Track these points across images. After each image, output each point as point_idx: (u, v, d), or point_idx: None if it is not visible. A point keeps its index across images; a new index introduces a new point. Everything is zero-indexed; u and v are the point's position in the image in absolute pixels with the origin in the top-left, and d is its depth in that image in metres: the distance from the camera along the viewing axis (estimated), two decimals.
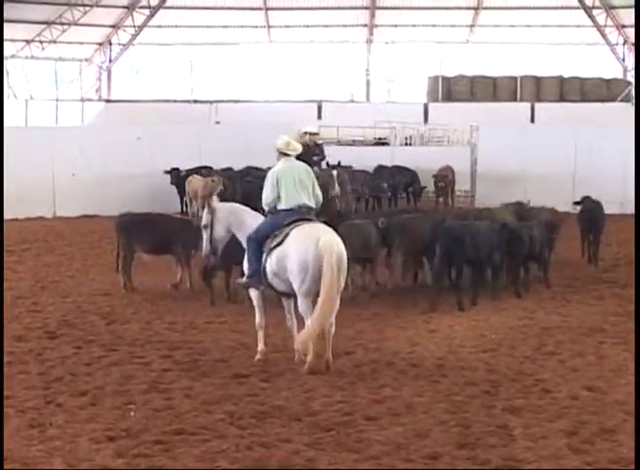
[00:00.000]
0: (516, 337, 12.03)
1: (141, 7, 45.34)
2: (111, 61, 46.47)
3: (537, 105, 41.21)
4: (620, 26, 45.20)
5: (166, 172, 26.54)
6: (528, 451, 7.82)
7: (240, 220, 11.40)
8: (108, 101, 44.43)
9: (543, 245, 15.66)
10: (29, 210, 25.47)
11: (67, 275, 17.20)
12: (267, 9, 45.72)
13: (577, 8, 44.89)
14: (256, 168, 27.05)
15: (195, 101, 41.95)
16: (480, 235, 14.55)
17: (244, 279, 11.18)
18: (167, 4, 45.37)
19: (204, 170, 26.09)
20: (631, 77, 44.64)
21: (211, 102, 40.98)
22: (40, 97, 41.76)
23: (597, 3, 44.65)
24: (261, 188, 11.34)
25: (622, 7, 43.00)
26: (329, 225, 11.10)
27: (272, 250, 10.72)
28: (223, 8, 45.38)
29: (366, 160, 28.34)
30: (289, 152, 11.23)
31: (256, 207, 11.69)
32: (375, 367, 10.53)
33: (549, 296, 14.91)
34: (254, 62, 46.37)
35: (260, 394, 9.47)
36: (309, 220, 10.89)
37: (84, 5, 43.22)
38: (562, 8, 44.95)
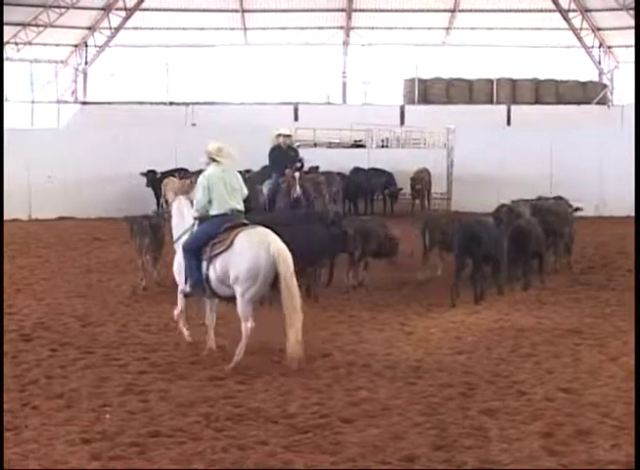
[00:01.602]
0: (492, 339, 12.04)
1: (117, 9, 45.26)
2: (87, 63, 46.34)
3: (513, 107, 41.38)
4: (596, 29, 45.45)
5: (142, 174, 26.52)
6: (504, 453, 7.82)
7: (182, 215, 11.59)
8: (84, 103, 44.29)
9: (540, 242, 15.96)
10: (5, 212, 25.35)
11: (42, 277, 17.12)
12: (243, 11, 45.73)
13: (553, 11, 45.16)
14: None
15: (171, 103, 41.87)
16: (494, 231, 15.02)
17: (187, 288, 11.21)
18: (144, 6, 45.30)
19: (180, 172, 26.04)
20: (607, 80, 44.92)
21: (188, 104, 40.92)
22: (15, 99, 41.58)
23: (573, 6, 44.88)
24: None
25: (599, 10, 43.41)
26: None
27: (215, 257, 10.73)
28: (199, 10, 45.39)
29: (342, 162, 28.39)
30: (219, 159, 11.32)
31: None
32: (351, 369, 10.51)
33: (524, 298, 14.93)
34: (231, 64, 46.39)
35: (237, 396, 9.45)
36: (247, 225, 10.97)
37: (60, 7, 43.09)
38: (538, 11, 45.20)
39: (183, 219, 11.56)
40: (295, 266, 10.62)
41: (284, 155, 18.84)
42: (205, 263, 10.80)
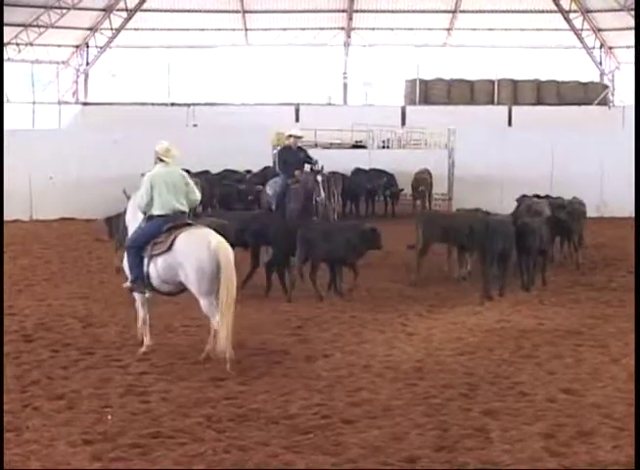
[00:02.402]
0: (493, 340, 12.04)
1: (118, 9, 45.24)
2: (88, 63, 46.35)
3: (514, 108, 41.35)
4: (597, 30, 45.43)
5: (144, 175, 26.46)
6: (506, 454, 7.83)
7: (136, 211, 11.79)
8: (85, 104, 44.29)
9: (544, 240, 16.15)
10: (6, 213, 25.33)
11: (43, 278, 17.10)
12: (245, 12, 45.72)
13: (554, 11, 45.14)
14: (234, 171, 27.05)
15: (172, 104, 41.88)
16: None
17: (128, 283, 11.50)
18: (145, 7, 45.29)
19: None
20: (608, 81, 44.90)
21: (189, 105, 40.92)
22: (17, 100, 41.58)
23: (574, 7, 44.87)
24: (239, 191, 11.56)
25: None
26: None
27: (156, 257, 11.02)
28: (201, 11, 45.38)
29: (343, 163, 28.36)
30: (165, 159, 11.56)
31: (234, 208, 11.80)
32: (352, 370, 10.52)
33: (525, 298, 14.94)
34: (232, 65, 46.36)
35: (238, 397, 9.45)
36: (189, 225, 11.22)
37: (61, 7, 43.08)
38: (539, 11, 45.19)
39: (136, 215, 11.77)
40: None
41: (293, 156, 18.83)
42: (146, 261, 11.12)
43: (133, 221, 11.81)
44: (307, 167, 18.80)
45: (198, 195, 11.73)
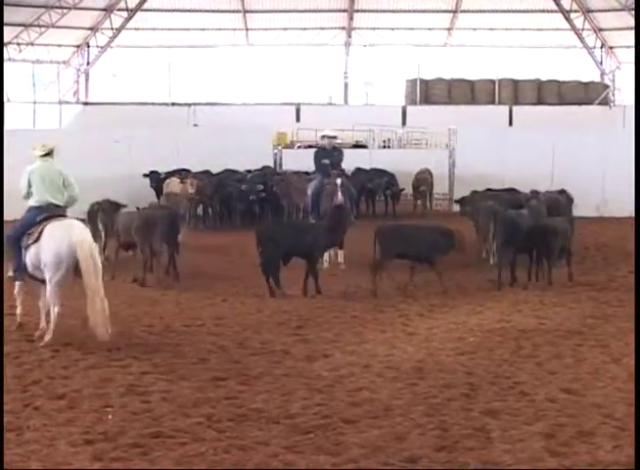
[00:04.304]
0: (494, 340, 11.99)
1: (119, 9, 45.32)
2: (88, 63, 46.41)
3: (515, 108, 41.41)
4: (598, 30, 45.45)
5: (145, 176, 26.45)
6: (506, 454, 7.80)
7: None
8: (85, 104, 44.35)
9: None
10: (5, 213, 25.26)
11: None
12: (245, 11, 45.77)
13: (555, 11, 45.17)
14: (234, 171, 27.03)
15: (173, 104, 41.93)
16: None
17: (10, 274, 12.24)
18: (145, 6, 45.35)
19: (182, 173, 26.00)
20: (609, 81, 44.90)
21: (189, 105, 40.99)
22: (17, 100, 41.59)
23: (575, 6, 44.87)
24: (240, 191, 11.72)
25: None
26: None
27: (30, 246, 11.72)
28: (201, 10, 45.44)
29: (344, 162, 28.32)
30: (42, 152, 12.53)
31: (235, 208, 11.84)
32: (353, 370, 10.48)
33: (525, 298, 14.92)
34: (233, 64, 46.39)
35: (238, 396, 9.42)
36: (61, 217, 11.92)
37: (62, 7, 43.12)
38: (539, 11, 45.22)
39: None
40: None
41: (328, 156, 18.94)
42: (23, 251, 11.80)
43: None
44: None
45: (76, 192, 12.37)
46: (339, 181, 18.00)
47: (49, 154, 12.56)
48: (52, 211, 11.97)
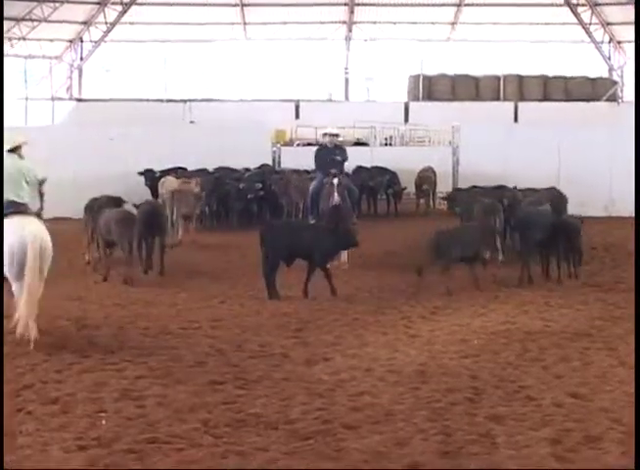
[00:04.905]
0: (498, 342, 11.90)
1: (113, 3, 45.27)
2: (82, 58, 46.36)
3: (521, 104, 41.38)
4: (606, 24, 45.31)
5: (140, 174, 26.31)
6: (512, 460, 7.70)
7: None
8: (79, 100, 44.32)
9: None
10: None
11: None
12: (243, 5, 45.67)
13: (562, 5, 44.99)
14: (231, 169, 26.91)
15: (168, 100, 41.84)
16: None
17: None
18: (140, 0, 45.15)
19: (178, 171, 25.89)
20: (617, 76, 44.76)
21: (185, 101, 40.94)
22: (9, 96, 41.43)
23: (582, 0, 44.67)
24: (238, 190, 11.65)
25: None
26: None
27: None
28: (198, 4, 45.30)
29: None
30: (12, 146, 12.29)
31: (232, 207, 11.73)
32: (354, 374, 10.38)
33: (531, 300, 14.84)
34: (230, 60, 46.36)
35: (236, 401, 9.30)
36: (19, 213, 11.92)
37: (55, 1, 43.04)
38: (546, 5, 45.01)
39: None
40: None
41: (330, 154, 18.83)
42: None
43: None
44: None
45: (37, 191, 12.54)
46: (335, 181, 17.89)
47: (15, 149, 12.32)
48: (12, 208, 11.93)
